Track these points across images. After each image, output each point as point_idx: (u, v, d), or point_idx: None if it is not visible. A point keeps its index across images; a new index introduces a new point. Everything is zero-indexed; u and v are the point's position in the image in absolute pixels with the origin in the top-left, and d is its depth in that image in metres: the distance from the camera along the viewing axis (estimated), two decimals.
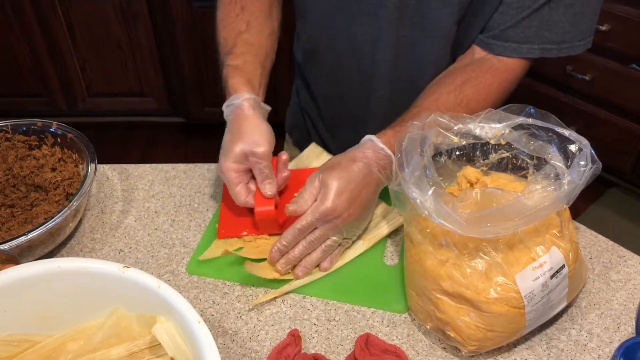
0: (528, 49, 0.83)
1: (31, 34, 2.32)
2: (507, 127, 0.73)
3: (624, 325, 0.73)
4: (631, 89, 1.89)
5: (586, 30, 0.85)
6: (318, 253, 0.78)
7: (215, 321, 0.74)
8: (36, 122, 0.92)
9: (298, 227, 0.76)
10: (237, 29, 0.89)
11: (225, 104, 0.83)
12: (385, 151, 0.78)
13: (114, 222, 0.89)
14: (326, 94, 1.06)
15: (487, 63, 0.86)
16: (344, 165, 0.77)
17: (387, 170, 0.78)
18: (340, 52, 0.96)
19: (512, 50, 0.84)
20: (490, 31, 0.85)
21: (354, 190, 0.75)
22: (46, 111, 2.52)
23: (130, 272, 0.60)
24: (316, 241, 0.77)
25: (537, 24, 0.81)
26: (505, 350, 0.70)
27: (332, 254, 0.80)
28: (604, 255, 0.82)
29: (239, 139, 0.79)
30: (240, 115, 0.81)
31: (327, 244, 0.78)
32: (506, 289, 0.64)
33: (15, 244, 0.73)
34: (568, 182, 0.64)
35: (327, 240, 0.78)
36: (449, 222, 0.63)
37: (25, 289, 0.60)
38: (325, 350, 0.71)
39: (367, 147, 0.79)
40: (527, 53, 0.84)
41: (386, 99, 0.98)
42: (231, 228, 0.85)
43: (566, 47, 0.85)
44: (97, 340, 0.62)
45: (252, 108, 0.81)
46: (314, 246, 0.78)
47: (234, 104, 0.81)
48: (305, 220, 0.76)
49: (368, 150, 0.78)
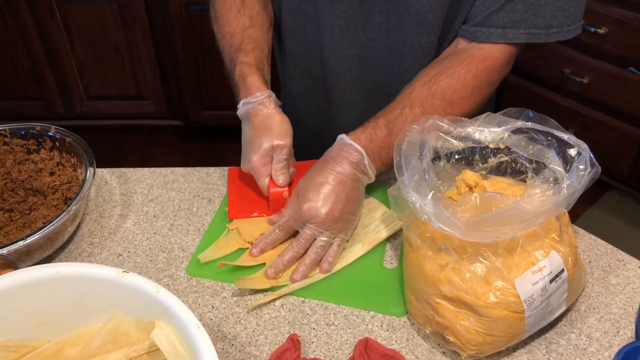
0: (514, 33, 0.81)
1: (28, 37, 2.32)
2: (506, 131, 0.73)
3: (623, 329, 0.73)
4: (629, 91, 1.89)
5: (575, 14, 0.82)
6: (311, 255, 0.79)
7: (214, 326, 0.74)
8: (35, 126, 0.92)
9: (277, 225, 0.81)
10: (241, 24, 0.91)
11: (244, 101, 0.85)
12: (354, 146, 0.80)
13: (113, 227, 0.89)
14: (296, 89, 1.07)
15: (465, 53, 0.85)
16: (317, 168, 0.81)
17: (361, 166, 0.80)
18: (309, 40, 0.97)
19: (497, 35, 0.82)
20: (474, 19, 0.84)
21: (327, 190, 0.78)
22: (44, 114, 2.52)
23: (128, 277, 0.59)
24: (304, 243, 0.79)
25: (523, 8, 0.79)
26: (504, 354, 0.70)
27: (329, 255, 0.80)
28: (603, 259, 0.82)
29: (265, 134, 0.83)
30: (263, 111, 0.85)
31: (317, 245, 0.79)
32: (505, 294, 0.64)
33: (13, 248, 0.73)
34: (567, 186, 0.64)
35: (317, 241, 0.79)
36: (448, 227, 0.63)
37: (23, 294, 0.60)
38: (325, 354, 0.71)
39: (338, 146, 0.82)
40: (513, 38, 0.81)
41: (361, 87, 0.99)
42: (242, 210, 0.89)
43: (554, 32, 0.82)
44: (95, 346, 0.62)
45: (273, 104, 0.85)
46: (302, 248, 0.79)
47: (257, 101, 0.85)
48: (283, 219, 0.81)
49: (338, 149, 0.81)
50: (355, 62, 0.95)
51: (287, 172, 0.85)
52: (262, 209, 0.89)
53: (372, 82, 0.98)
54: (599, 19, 1.84)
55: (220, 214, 0.90)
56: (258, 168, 0.84)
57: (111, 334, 0.62)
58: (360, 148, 0.80)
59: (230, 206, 0.90)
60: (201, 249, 0.84)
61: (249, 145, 0.85)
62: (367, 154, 0.80)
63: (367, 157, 0.80)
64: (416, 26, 0.87)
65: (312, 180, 0.79)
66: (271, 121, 0.84)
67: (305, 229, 0.79)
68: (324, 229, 0.78)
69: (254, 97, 0.85)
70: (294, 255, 0.79)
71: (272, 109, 0.85)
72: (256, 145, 0.83)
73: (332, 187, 0.78)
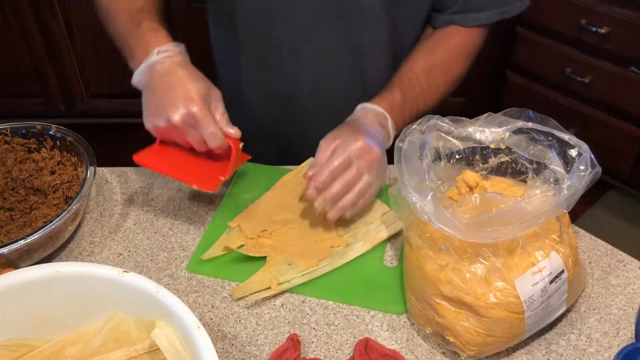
0: (486, 15, 0.92)
1: (29, 35, 2.32)
2: (507, 131, 0.73)
3: (623, 330, 0.73)
4: (630, 91, 1.89)
5: None
6: (352, 195, 0.79)
7: (214, 325, 0.74)
8: (35, 124, 0.92)
9: (336, 163, 0.77)
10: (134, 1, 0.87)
11: (160, 48, 0.79)
12: (378, 110, 0.86)
13: (113, 226, 0.89)
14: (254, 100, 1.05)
15: (449, 30, 0.93)
16: (349, 126, 0.82)
17: (386, 128, 0.85)
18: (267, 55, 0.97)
19: (472, 19, 0.92)
20: (449, 9, 0.92)
21: (368, 135, 0.80)
22: (44, 112, 2.51)
23: (129, 276, 0.60)
24: (352, 181, 0.78)
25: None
26: (504, 355, 0.70)
27: (361, 201, 0.80)
28: (603, 259, 0.82)
29: (201, 81, 0.78)
30: (185, 61, 0.80)
31: (360, 186, 0.79)
32: (505, 294, 0.64)
33: (14, 247, 0.73)
34: (568, 187, 0.64)
35: (360, 182, 0.79)
36: (448, 227, 0.63)
37: (23, 294, 0.60)
38: (325, 354, 0.71)
39: (361, 111, 0.86)
40: (485, 19, 0.92)
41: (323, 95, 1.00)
42: (208, 181, 0.82)
43: (519, 5, 0.93)
44: (95, 345, 0.62)
45: (187, 58, 0.82)
46: (350, 186, 0.78)
47: (179, 49, 0.80)
48: (342, 156, 0.77)
49: (363, 112, 0.86)
50: (313, 72, 0.96)
51: None
52: (221, 171, 0.82)
53: (333, 90, 0.99)
54: (601, 18, 1.83)
55: (221, 213, 0.90)
56: (205, 113, 0.76)
57: (111, 333, 0.62)
58: (384, 111, 0.86)
59: (199, 184, 0.81)
60: (202, 248, 0.84)
61: (179, 91, 0.76)
62: (390, 117, 0.86)
63: (390, 120, 0.86)
64: (370, 25, 0.91)
65: (350, 130, 0.80)
66: (197, 72, 0.80)
67: (355, 165, 0.78)
68: (372, 167, 0.79)
69: (176, 45, 0.80)
70: (341, 191, 0.78)
71: (188, 62, 0.81)
72: (193, 90, 0.76)
73: (372, 135, 0.80)
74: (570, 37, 1.92)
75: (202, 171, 0.83)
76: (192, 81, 0.77)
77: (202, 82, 0.79)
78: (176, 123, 0.76)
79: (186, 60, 0.81)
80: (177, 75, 0.78)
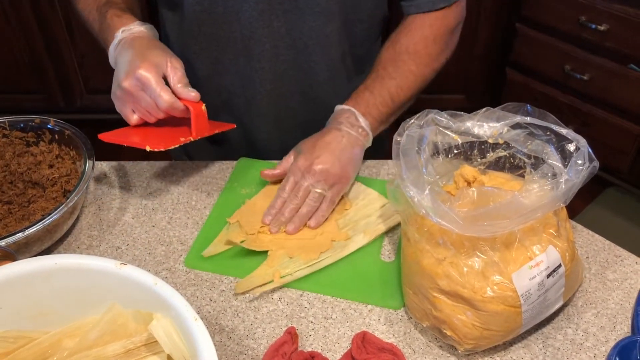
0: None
1: (29, 30, 2.32)
2: (505, 125, 0.73)
3: (620, 325, 0.73)
4: (629, 88, 1.89)
5: None
6: (305, 207, 0.83)
7: (212, 318, 0.74)
8: (34, 118, 0.92)
9: (284, 189, 0.85)
10: None
11: (125, 28, 0.85)
12: (345, 109, 0.89)
13: (112, 219, 0.89)
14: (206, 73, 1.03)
15: (410, 18, 0.94)
16: (318, 133, 0.88)
17: (356, 124, 0.88)
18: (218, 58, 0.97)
19: (427, 3, 0.92)
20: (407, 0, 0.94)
21: (321, 143, 0.85)
22: (44, 108, 2.51)
23: (127, 269, 0.60)
24: (302, 195, 0.84)
25: None
26: (501, 349, 0.71)
27: (320, 211, 0.84)
28: (601, 254, 0.82)
29: (155, 48, 0.82)
30: (147, 35, 0.85)
31: (311, 197, 0.84)
32: (503, 288, 0.64)
33: (12, 240, 0.73)
34: (565, 181, 0.64)
35: (312, 194, 0.84)
36: (446, 221, 0.63)
37: (21, 286, 0.60)
38: (322, 348, 0.71)
39: (334, 115, 0.90)
40: (440, 3, 0.92)
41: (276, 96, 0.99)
42: (164, 141, 0.82)
43: None
44: (93, 337, 0.62)
45: (153, 33, 0.87)
46: (300, 200, 0.84)
47: (144, 27, 0.86)
48: (286, 180, 0.85)
49: (333, 117, 0.90)
50: (266, 74, 0.96)
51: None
52: (182, 133, 0.83)
53: (285, 89, 0.99)
54: (600, 15, 1.83)
55: (218, 207, 0.90)
56: (155, 76, 0.78)
57: (109, 326, 0.62)
58: (350, 108, 0.89)
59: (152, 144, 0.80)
60: (200, 242, 0.84)
61: (138, 58, 0.79)
62: (358, 112, 0.88)
63: (359, 114, 0.88)
64: (318, 17, 0.91)
65: (313, 141, 0.86)
66: (156, 43, 0.84)
67: (303, 181, 0.84)
68: (321, 179, 0.83)
69: (141, 24, 0.86)
70: (293, 208, 0.84)
71: (153, 36, 0.86)
72: (148, 55, 0.79)
73: (326, 143, 0.85)
74: (570, 34, 1.92)
75: (166, 136, 0.84)
76: (146, 49, 0.81)
77: (157, 49, 0.82)
78: (126, 88, 0.80)
79: (149, 35, 0.85)
80: (135, 47, 0.82)
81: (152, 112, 0.81)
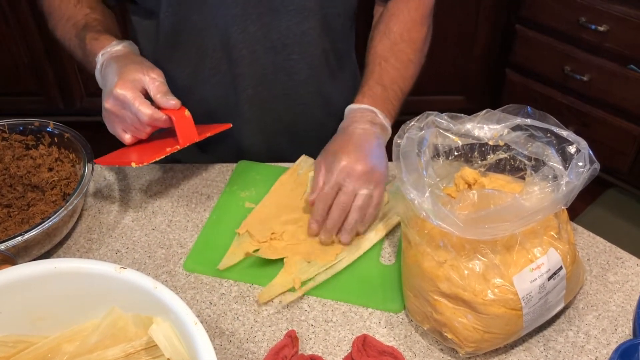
0: None
1: (28, 33, 2.31)
2: (506, 127, 0.73)
3: (621, 327, 0.73)
4: (629, 89, 1.89)
5: None
6: (353, 214, 0.80)
7: (212, 322, 0.74)
8: (33, 121, 0.91)
9: (323, 193, 0.80)
10: (82, 12, 0.92)
11: (104, 50, 0.85)
12: (363, 107, 0.87)
13: (111, 223, 0.89)
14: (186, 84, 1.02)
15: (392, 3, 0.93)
16: (337, 136, 0.86)
17: (377, 122, 0.86)
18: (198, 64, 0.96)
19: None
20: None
21: (355, 146, 0.82)
22: (43, 110, 2.51)
23: (126, 273, 0.59)
24: (347, 200, 0.80)
25: None
26: (502, 351, 0.70)
27: (369, 216, 0.81)
28: (602, 256, 0.82)
29: (131, 64, 0.81)
30: (125, 52, 0.85)
31: (358, 203, 0.80)
32: (503, 291, 0.64)
33: (11, 244, 0.73)
34: (566, 183, 0.64)
35: (358, 199, 0.80)
36: (446, 224, 0.63)
37: (21, 290, 0.60)
38: (323, 351, 0.71)
39: (350, 114, 0.87)
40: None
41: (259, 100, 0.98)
42: (147, 155, 0.81)
43: None
44: (93, 341, 0.62)
45: (132, 49, 0.87)
46: (346, 207, 0.80)
47: (116, 50, 0.85)
48: (327, 185, 0.80)
49: (351, 116, 0.87)
50: (246, 80, 0.95)
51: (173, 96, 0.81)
52: (169, 143, 0.81)
53: (267, 93, 0.98)
54: (600, 16, 1.83)
55: (218, 211, 0.89)
56: (131, 93, 0.78)
57: (109, 330, 0.62)
58: (370, 107, 0.87)
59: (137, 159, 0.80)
60: (199, 245, 0.83)
61: (116, 77, 0.79)
62: (377, 109, 0.87)
63: (379, 112, 0.86)
64: (294, 15, 0.90)
65: (337, 145, 0.83)
66: (134, 58, 0.83)
67: (345, 187, 0.80)
68: (362, 181, 0.79)
69: (118, 43, 0.85)
70: (340, 215, 0.80)
71: (132, 52, 0.86)
72: (125, 73, 0.79)
73: (358, 144, 0.82)
74: (570, 35, 1.92)
75: (156, 149, 0.82)
76: (122, 67, 0.80)
77: (133, 64, 0.81)
78: (109, 109, 0.80)
79: (126, 51, 0.85)
80: (112, 66, 0.82)
81: (139, 128, 0.81)
